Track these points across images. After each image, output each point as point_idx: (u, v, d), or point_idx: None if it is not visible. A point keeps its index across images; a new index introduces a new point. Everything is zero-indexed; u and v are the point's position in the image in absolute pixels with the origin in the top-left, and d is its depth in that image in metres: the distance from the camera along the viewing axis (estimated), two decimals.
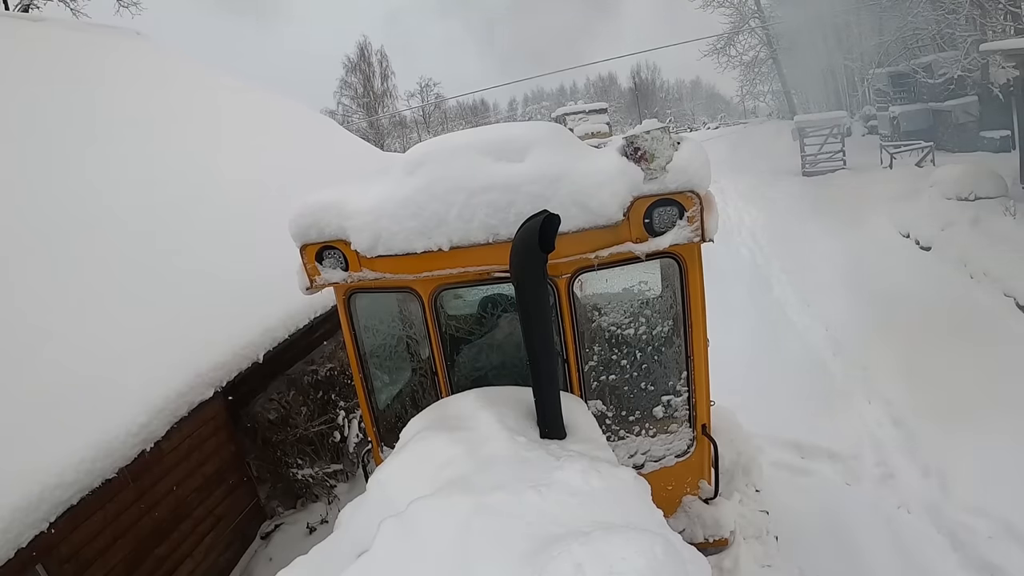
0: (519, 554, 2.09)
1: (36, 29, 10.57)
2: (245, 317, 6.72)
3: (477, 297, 4.33)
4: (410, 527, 2.26)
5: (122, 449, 4.85)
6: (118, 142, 8.55)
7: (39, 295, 5.63)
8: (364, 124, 56.86)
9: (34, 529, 4.10)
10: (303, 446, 7.23)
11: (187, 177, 8.72)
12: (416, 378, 4.59)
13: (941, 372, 8.17)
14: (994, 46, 14.00)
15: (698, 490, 4.36)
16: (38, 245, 6.14)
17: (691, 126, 71.68)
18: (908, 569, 5.42)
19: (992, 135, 19.51)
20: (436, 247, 3.50)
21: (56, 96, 8.65)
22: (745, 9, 39.45)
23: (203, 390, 5.79)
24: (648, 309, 4.06)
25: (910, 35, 25.93)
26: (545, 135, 3.71)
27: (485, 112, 79.19)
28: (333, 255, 3.85)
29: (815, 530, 5.86)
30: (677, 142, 3.46)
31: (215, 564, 6.26)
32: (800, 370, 9.32)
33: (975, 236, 11.13)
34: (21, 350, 5.04)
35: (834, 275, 12.78)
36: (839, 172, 22.77)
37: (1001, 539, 5.51)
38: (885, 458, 7.01)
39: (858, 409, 8.10)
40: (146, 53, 12.10)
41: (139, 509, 5.39)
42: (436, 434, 3.01)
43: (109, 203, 7.26)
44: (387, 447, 4.43)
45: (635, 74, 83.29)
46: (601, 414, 4.06)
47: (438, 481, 2.56)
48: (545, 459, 2.74)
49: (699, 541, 4.20)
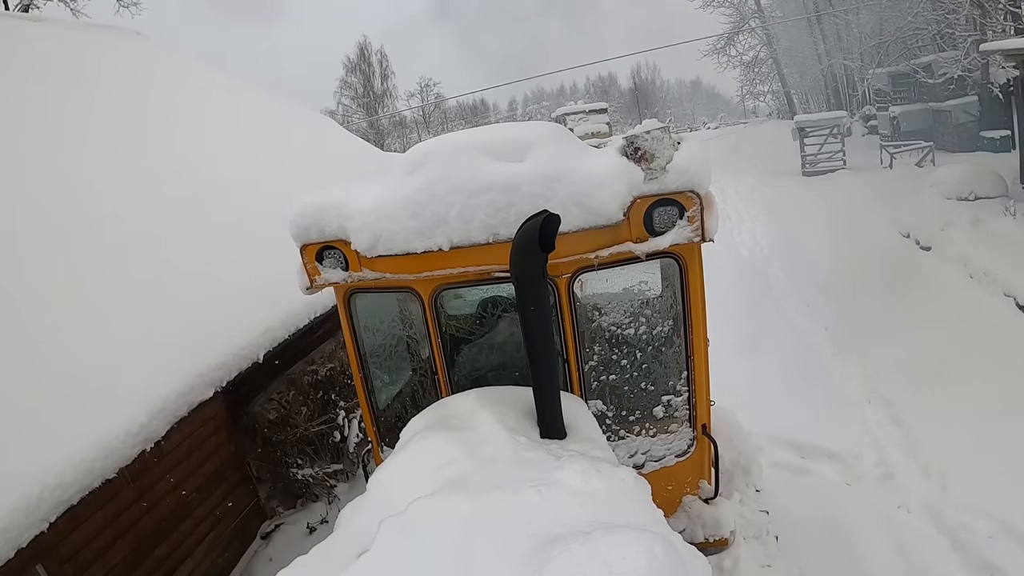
0: (519, 554, 2.09)
1: (36, 29, 10.57)
2: (245, 317, 6.72)
3: (477, 297, 4.33)
4: (410, 527, 2.26)
5: (122, 449, 4.85)
6: (117, 142, 8.55)
7: (39, 295, 5.63)
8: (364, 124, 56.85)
9: (34, 529, 4.09)
10: (303, 446, 7.23)
11: (186, 177, 8.72)
12: (416, 378, 4.59)
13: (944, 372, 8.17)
14: (994, 46, 13.98)
15: (698, 490, 4.36)
16: (38, 245, 6.14)
17: (691, 126, 71.69)
18: (908, 569, 5.43)
19: (992, 135, 19.49)
20: (436, 247, 3.50)
21: (56, 96, 8.65)
22: (745, 9, 39.48)
23: (203, 390, 5.79)
24: (648, 309, 4.06)
25: (910, 35, 25.90)
26: (545, 135, 3.71)
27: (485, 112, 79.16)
28: (333, 255, 3.85)
29: (815, 530, 5.87)
30: (677, 142, 3.46)
31: (215, 564, 6.26)
32: (800, 370, 9.32)
33: (975, 236, 11.13)
34: (20, 350, 5.03)
35: (834, 275, 12.78)
36: (839, 172, 22.77)
37: (1001, 539, 5.51)
38: (885, 458, 7.01)
39: (858, 409, 8.10)
40: (146, 53, 12.09)
41: (139, 509, 5.40)
42: (436, 434, 3.01)
43: (108, 203, 7.25)
44: (387, 447, 4.43)
45: (635, 74, 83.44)
46: (601, 414, 4.06)
47: (438, 481, 2.56)
48: (545, 459, 2.74)
49: (699, 541, 4.20)
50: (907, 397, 7.96)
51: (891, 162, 21.46)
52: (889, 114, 25.82)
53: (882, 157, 22.06)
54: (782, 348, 10.23)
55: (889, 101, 27.29)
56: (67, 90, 8.95)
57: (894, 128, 25.13)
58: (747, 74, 41.52)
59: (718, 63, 40.44)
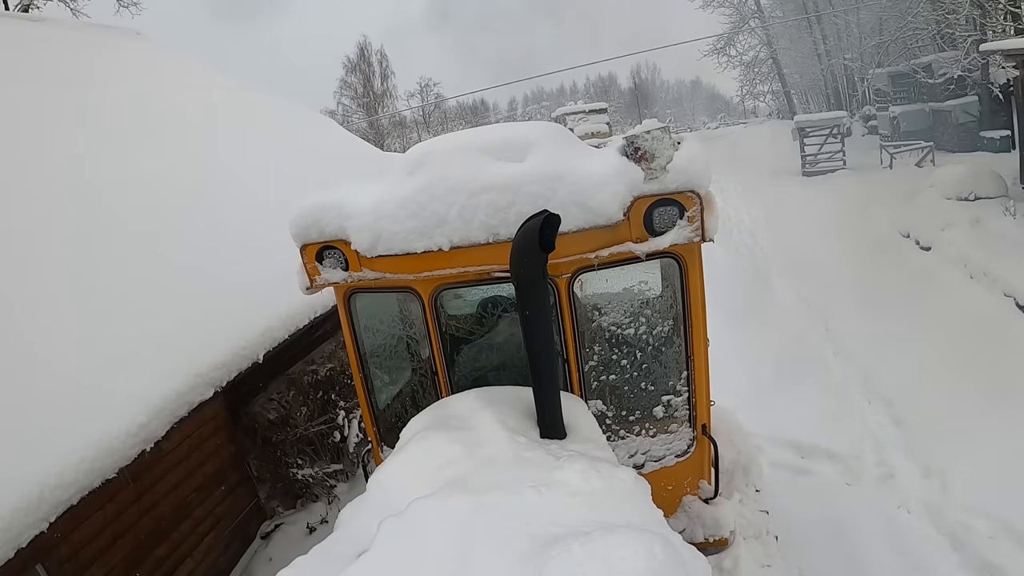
0: (519, 554, 2.09)
1: (36, 29, 10.57)
2: (245, 317, 6.72)
3: (477, 297, 4.33)
4: (410, 527, 2.26)
5: (122, 449, 4.84)
6: (117, 142, 8.54)
7: (38, 295, 5.63)
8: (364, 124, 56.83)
9: (34, 529, 4.09)
10: (303, 446, 7.23)
11: (187, 177, 8.71)
12: (416, 378, 4.59)
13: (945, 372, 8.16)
14: (994, 46, 13.99)
15: (698, 490, 4.36)
16: (38, 245, 6.14)
17: (691, 126, 71.65)
18: (908, 569, 5.43)
19: (992, 135, 19.47)
20: (436, 247, 3.50)
21: (55, 96, 8.64)
22: (745, 9, 39.47)
23: (203, 390, 5.78)
24: (648, 309, 4.06)
25: (910, 35, 25.89)
26: (545, 135, 3.71)
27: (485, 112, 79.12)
28: (333, 255, 3.85)
29: (815, 530, 5.87)
30: (677, 142, 3.46)
31: (215, 564, 6.26)
32: (800, 370, 9.32)
33: (975, 236, 11.13)
34: (20, 350, 5.03)
35: (834, 275, 12.78)
36: (839, 172, 22.75)
37: (1001, 539, 5.51)
38: (885, 458, 7.01)
39: (858, 409, 8.10)
40: (146, 53, 12.09)
41: (139, 509, 5.39)
42: (436, 434, 3.00)
43: (109, 203, 7.25)
44: (387, 447, 4.43)
45: (635, 74, 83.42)
46: (601, 414, 4.06)
47: (438, 481, 2.56)
48: (545, 459, 2.74)
49: (699, 541, 4.20)
50: (907, 397, 7.96)
51: (891, 162, 21.45)
52: (889, 114, 25.80)
53: (882, 157, 22.04)
54: (782, 348, 10.23)
55: (889, 101, 27.27)
56: (67, 90, 8.95)
57: (894, 128, 25.12)
58: (747, 74, 41.53)
59: (718, 63, 40.46)
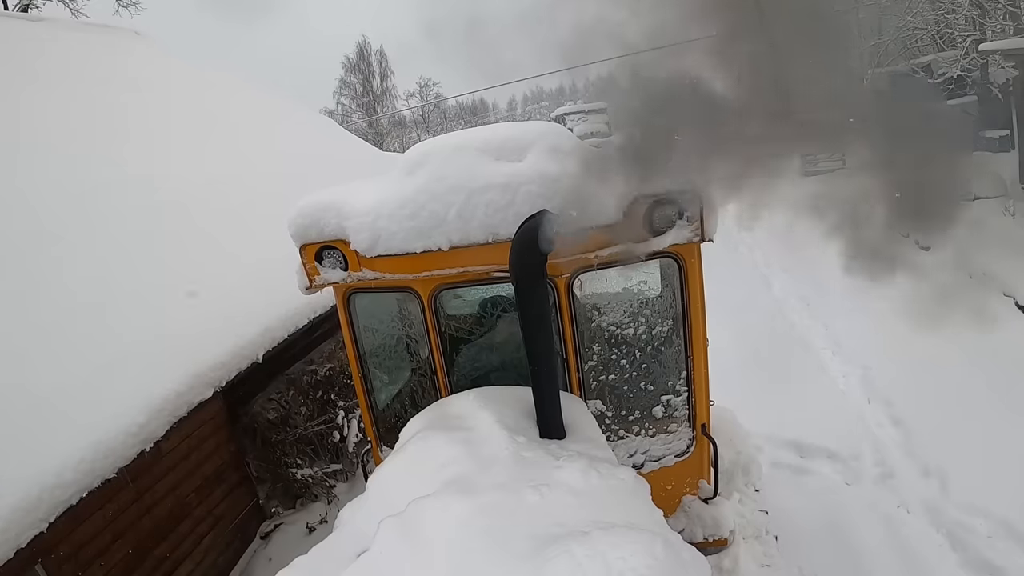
0: (519, 554, 2.09)
1: (36, 29, 10.56)
2: (245, 317, 6.72)
3: (477, 297, 4.33)
4: (410, 527, 2.26)
5: (121, 449, 4.85)
6: (117, 142, 8.54)
7: (37, 294, 5.62)
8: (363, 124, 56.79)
9: (34, 529, 4.09)
10: (303, 446, 7.23)
11: (186, 177, 8.71)
12: (416, 378, 4.59)
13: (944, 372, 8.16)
14: (994, 46, 14.00)
15: (698, 490, 4.36)
16: (37, 244, 6.14)
17: None
18: (908, 569, 5.43)
19: (992, 135, 19.47)
20: (435, 247, 3.50)
21: (54, 96, 8.64)
22: None
23: (202, 390, 5.79)
24: (648, 309, 4.06)
25: (909, 35, 25.89)
26: (545, 135, 3.71)
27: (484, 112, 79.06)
28: (333, 255, 3.85)
29: (815, 530, 5.87)
30: None
31: (215, 564, 6.26)
32: (800, 369, 9.31)
33: (975, 236, 11.14)
34: (19, 350, 5.03)
35: (833, 274, 12.74)
36: (839, 172, 22.74)
37: (1001, 539, 5.52)
38: (885, 458, 7.01)
39: (858, 409, 8.10)
40: (145, 53, 12.09)
41: (138, 509, 5.39)
42: (436, 434, 3.00)
43: (108, 203, 7.25)
44: (387, 447, 4.43)
45: None
46: (601, 414, 4.06)
47: (438, 481, 2.56)
48: (545, 459, 2.74)
49: (699, 541, 4.20)
50: (907, 397, 7.96)
51: None
52: None
53: None
54: (782, 347, 10.22)
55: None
56: (66, 90, 8.94)
57: None
58: None
59: None
